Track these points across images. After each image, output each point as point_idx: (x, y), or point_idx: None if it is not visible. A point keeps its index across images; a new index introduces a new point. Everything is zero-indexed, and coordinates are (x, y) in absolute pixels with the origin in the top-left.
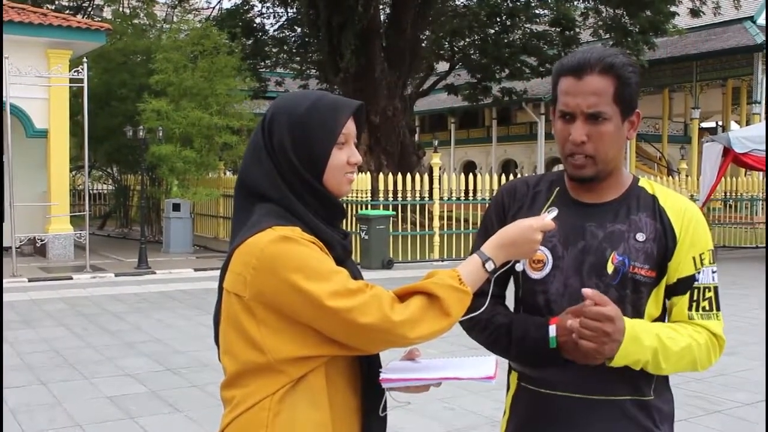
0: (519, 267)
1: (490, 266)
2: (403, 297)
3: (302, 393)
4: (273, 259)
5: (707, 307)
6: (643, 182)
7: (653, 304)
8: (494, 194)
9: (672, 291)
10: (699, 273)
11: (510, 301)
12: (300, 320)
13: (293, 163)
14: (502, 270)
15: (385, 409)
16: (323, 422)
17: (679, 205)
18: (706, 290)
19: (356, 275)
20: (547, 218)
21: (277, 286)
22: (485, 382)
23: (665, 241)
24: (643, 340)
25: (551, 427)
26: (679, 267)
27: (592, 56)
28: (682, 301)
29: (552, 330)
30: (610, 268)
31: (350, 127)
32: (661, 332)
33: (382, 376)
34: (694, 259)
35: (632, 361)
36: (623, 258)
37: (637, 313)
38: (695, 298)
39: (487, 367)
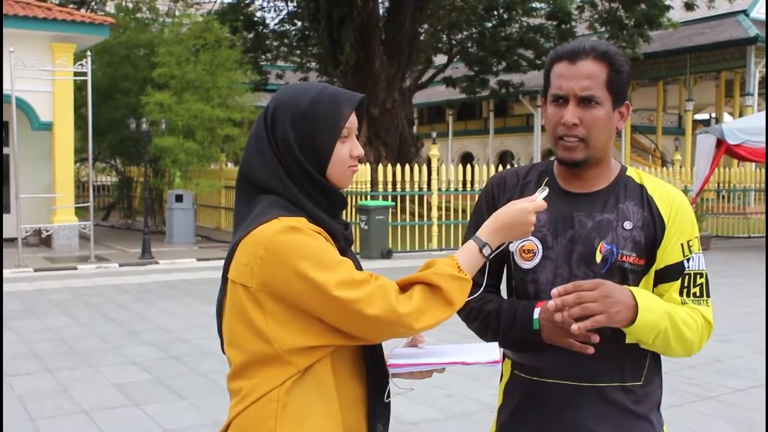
0: (512, 247)
1: (486, 251)
2: (404, 287)
3: (310, 383)
4: (281, 248)
5: (698, 294)
6: (631, 171)
7: None
8: (484, 186)
9: (660, 278)
10: (689, 260)
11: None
12: (306, 310)
13: (297, 156)
14: (496, 252)
15: (389, 395)
16: (332, 412)
17: (668, 194)
18: (698, 276)
19: (357, 266)
20: (539, 198)
21: (285, 275)
22: (492, 367)
23: (653, 229)
24: (655, 305)
25: (543, 414)
26: (667, 254)
27: (586, 43)
28: (673, 288)
29: (536, 312)
30: (598, 258)
31: (352, 120)
32: (666, 304)
33: (390, 362)
34: (682, 246)
35: (650, 327)
36: (611, 247)
37: None
38: (686, 284)
39: (492, 352)
